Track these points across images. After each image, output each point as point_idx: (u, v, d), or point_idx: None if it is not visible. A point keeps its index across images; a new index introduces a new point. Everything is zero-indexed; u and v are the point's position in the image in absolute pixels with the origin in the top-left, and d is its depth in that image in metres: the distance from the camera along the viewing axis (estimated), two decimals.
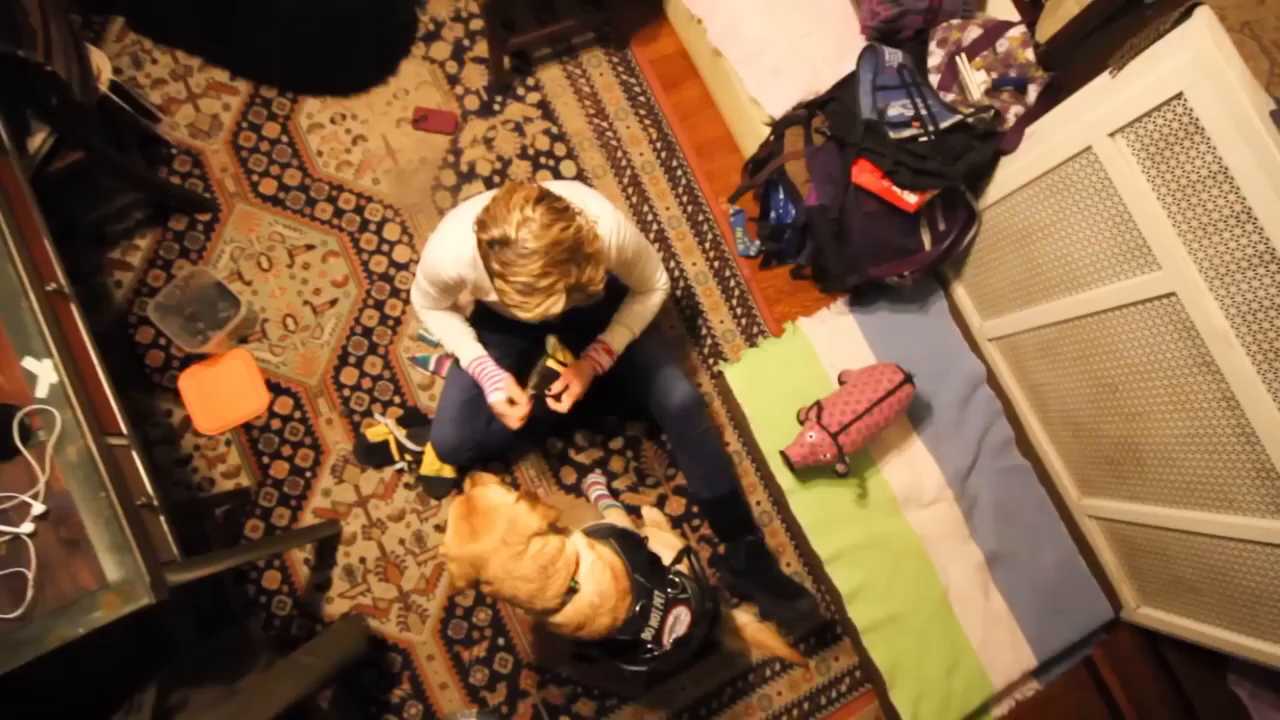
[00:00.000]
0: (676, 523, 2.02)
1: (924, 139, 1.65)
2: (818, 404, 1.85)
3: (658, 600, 1.41)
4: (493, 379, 1.63)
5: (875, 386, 1.84)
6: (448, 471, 1.90)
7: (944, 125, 1.66)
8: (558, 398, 1.56)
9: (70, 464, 1.07)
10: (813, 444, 1.80)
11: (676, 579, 1.48)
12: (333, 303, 2.00)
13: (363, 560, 1.90)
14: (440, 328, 1.64)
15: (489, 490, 1.31)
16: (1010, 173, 1.74)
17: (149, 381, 1.91)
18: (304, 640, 1.84)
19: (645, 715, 1.93)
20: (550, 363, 1.90)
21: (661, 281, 1.62)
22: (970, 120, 1.68)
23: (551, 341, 1.90)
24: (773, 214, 2.06)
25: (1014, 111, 1.70)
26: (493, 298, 1.46)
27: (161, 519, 1.19)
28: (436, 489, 1.93)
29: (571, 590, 1.28)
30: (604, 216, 1.36)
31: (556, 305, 1.19)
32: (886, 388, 1.83)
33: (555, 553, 1.27)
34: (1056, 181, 1.64)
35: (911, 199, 1.68)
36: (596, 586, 1.31)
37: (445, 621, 1.90)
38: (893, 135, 1.64)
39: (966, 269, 2.06)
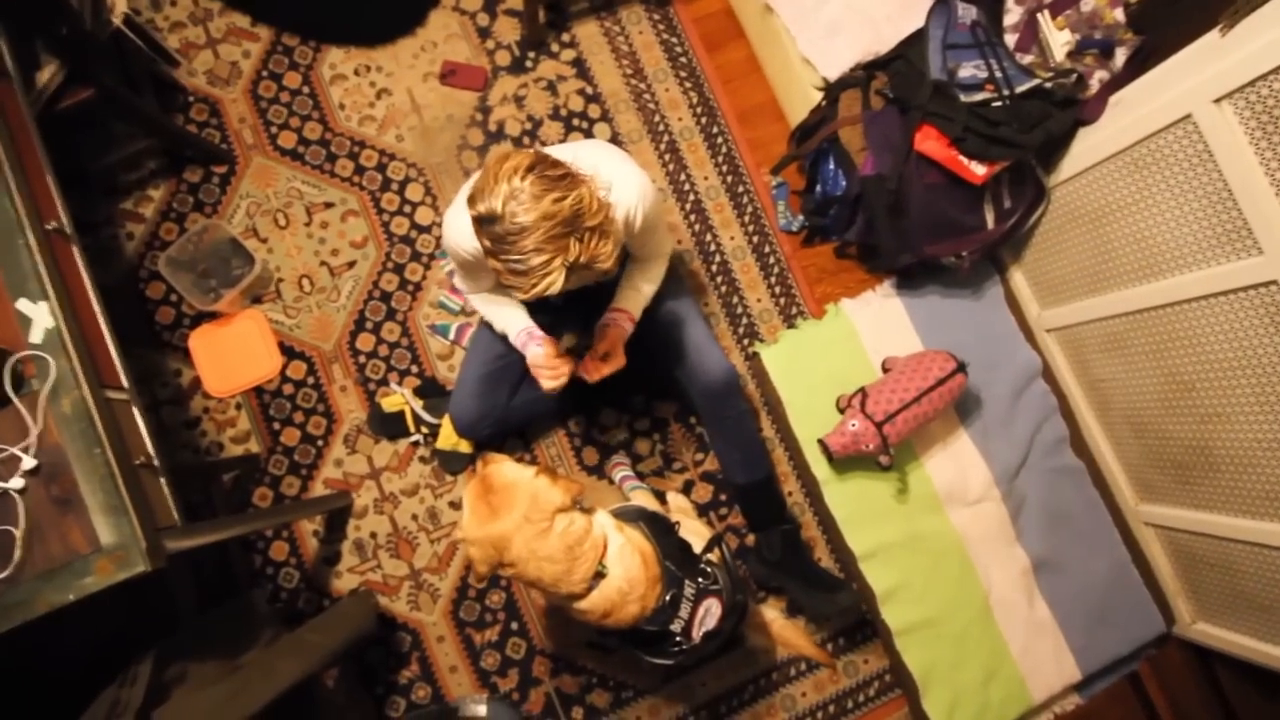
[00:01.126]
0: (703, 510, 1.91)
1: (997, 104, 1.51)
2: (862, 391, 1.73)
3: (688, 590, 1.30)
4: (536, 338, 1.49)
5: (925, 375, 1.71)
6: (465, 446, 1.81)
7: (1020, 90, 1.51)
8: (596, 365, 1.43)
9: (64, 416, 0.99)
10: (855, 433, 1.68)
11: (708, 569, 1.37)
12: (351, 265, 1.90)
13: (374, 535, 1.81)
14: (491, 310, 1.52)
15: (504, 466, 1.22)
16: (1089, 145, 1.59)
17: (158, 339, 1.83)
18: (311, 615, 1.77)
19: (662, 709, 1.83)
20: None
21: (665, 248, 1.50)
22: (1049, 85, 1.53)
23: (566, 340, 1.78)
24: (819, 187, 1.92)
25: (1098, 77, 1.54)
26: None
27: (162, 481, 1.10)
28: (453, 464, 1.83)
29: (599, 574, 1.18)
30: (621, 183, 1.23)
31: (554, 285, 1.07)
32: (937, 376, 1.70)
33: (582, 532, 1.17)
34: (1144, 155, 1.49)
35: (979, 170, 1.54)
36: (625, 572, 1.21)
37: (457, 602, 1.81)
38: (963, 98, 1.50)
39: (1027, 253, 1.92)
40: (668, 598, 1.26)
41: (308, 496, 1.81)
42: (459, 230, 1.31)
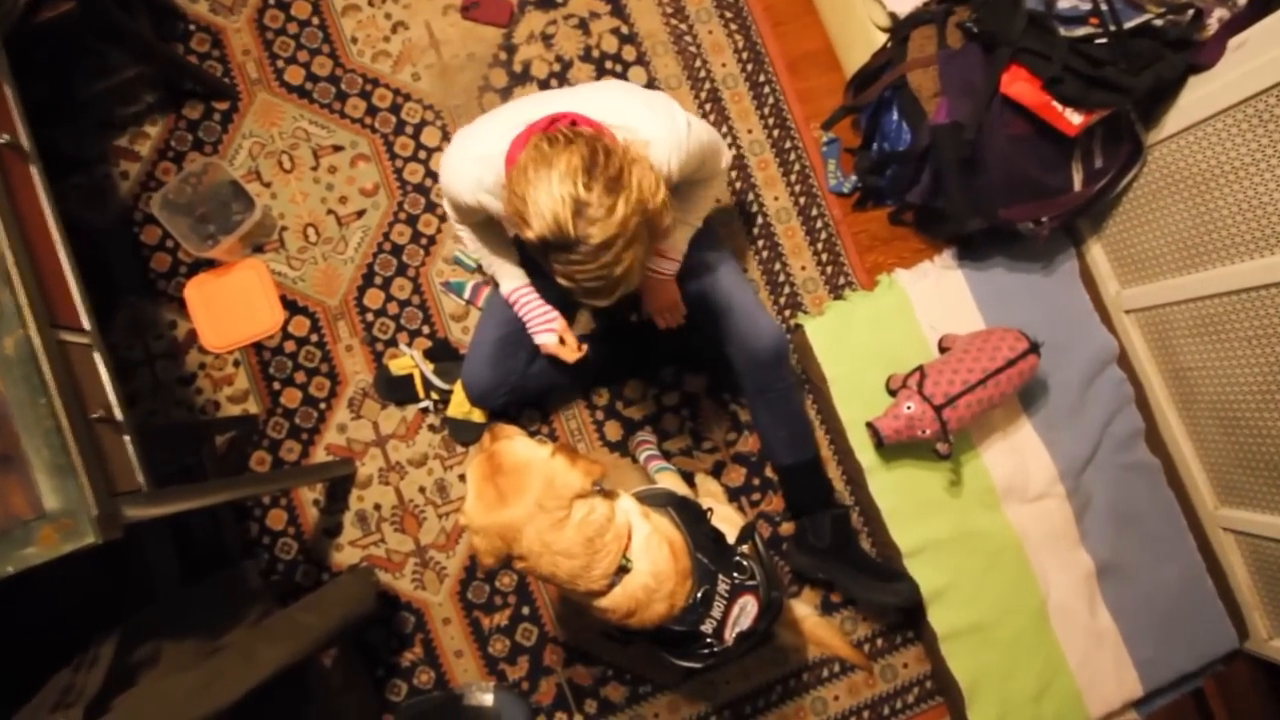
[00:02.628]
0: (734, 496, 1.75)
1: (1101, 41, 1.30)
2: (919, 370, 1.55)
3: (722, 586, 1.15)
4: (540, 316, 1.40)
5: (992, 354, 1.52)
6: (478, 415, 1.66)
7: (1128, 26, 1.30)
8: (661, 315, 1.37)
9: (5, 359, 0.85)
10: (910, 417, 1.50)
11: (744, 562, 1.22)
12: (360, 214, 1.74)
13: (377, 507, 1.68)
14: (478, 245, 1.38)
15: (515, 443, 1.06)
16: (1201, 96, 1.38)
17: (153, 288, 1.70)
18: (309, 589, 1.65)
19: (681, 707, 1.69)
20: None
21: (726, 162, 1.32)
22: (1160, 23, 1.32)
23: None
24: (876, 144, 1.73)
25: (1217, 16, 1.33)
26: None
27: (126, 439, 0.96)
28: (464, 434, 1.69)
29: (622, 569, 1.03)
30: (658, 139, 1.08)
31: (636, 278, 1.00)
32: (1007, 356, 1.51)
33: (604, 521, 1.02)
34: (1267, 109, 1.28)
35: (1075, 119, 1.33)
36: (652, 566, 1.05)
37: (465, 583, 1.68)
38: (1062, 33, 1.29)
39: (1111, 222, 1.71)
40: (699, 595, 1.11)
41: (308, 463, 1.68)
42: (465, 177, 1.16)
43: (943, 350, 1.70)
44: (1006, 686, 1.67)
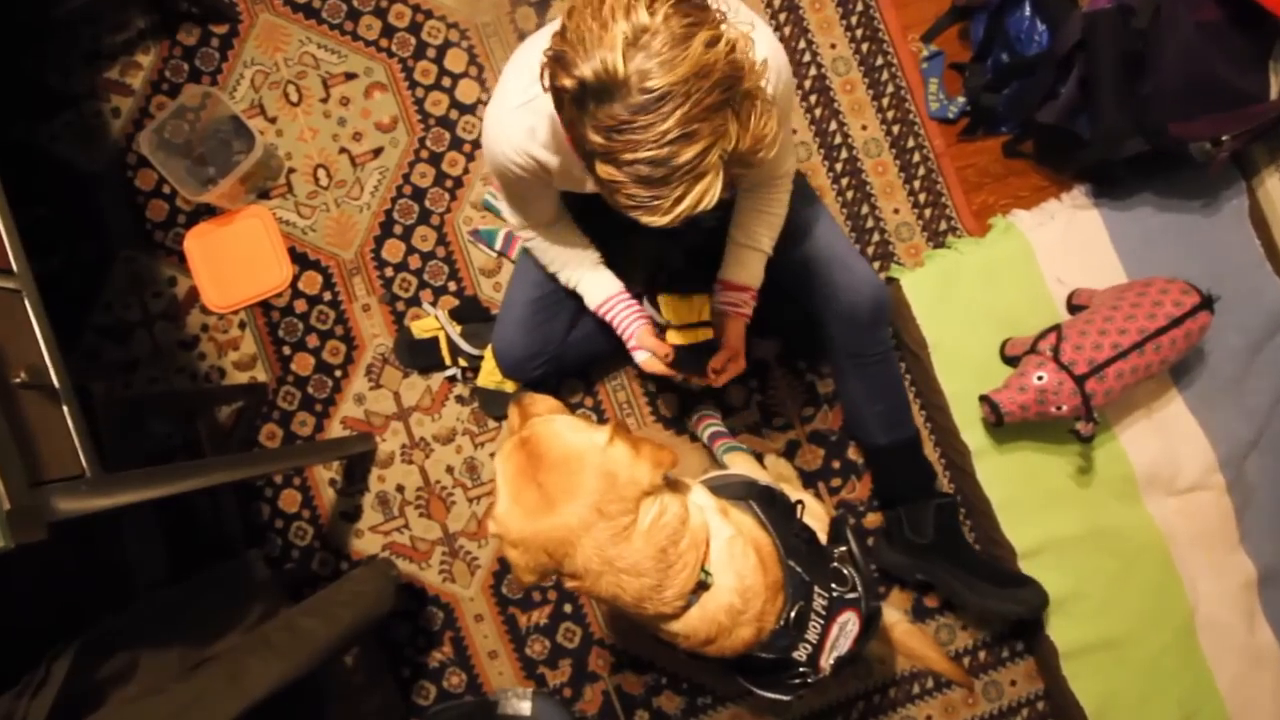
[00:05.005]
0: (809, 481, 1.49)
1: None
2: (1055, 332, 1.25)
3: (818, 601, 0.90)
4: (627, 325, 1.16)
5: (1151, 311, 1.21)
6: (511, 385, 1.43)
7: None
8: (716, 372, 1.13)
9: None
10: (1041, 389, 1.21)
11: (844, 570, 0.96)
12: (376, 152, 1.51)
13: (400, 489, 1.48)
14: (552, 251, 1.15)
15: (557, 424, 0.81)
16: None
17: (149, 239, 1.51)
18: (328, 579, 1.46)
19: None
20: (671, 336, 1.31)
21: (790, 165, 1.08)
22: None
23: (665, 302, 1.33)
24: (992, 57, 1.41)
25: None
26: (589, 188, 0.95)
27: (65, 410, 0.76)
28: (496, 406, 1.46)
29: (701, 585, 0.79)
30: (759, 29, 0.80)
31: (711, 195, 0.69)
32: (1170, 314, 1.20)
33: (678, 525, 0.77)
34: None
35: None
36: (738, 580, 0.81)
37: (499, 575, 1.47)
38: None
39: None
40: (791, 614, 0.86)
41: (323, 438, 1.48)
42: (511, 133, 0.91)
43: (1073, 309, 1.39)
44: (1142, 713, 1.40)
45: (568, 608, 1.47)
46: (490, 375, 1.42)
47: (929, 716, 1.48)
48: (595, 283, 1.16)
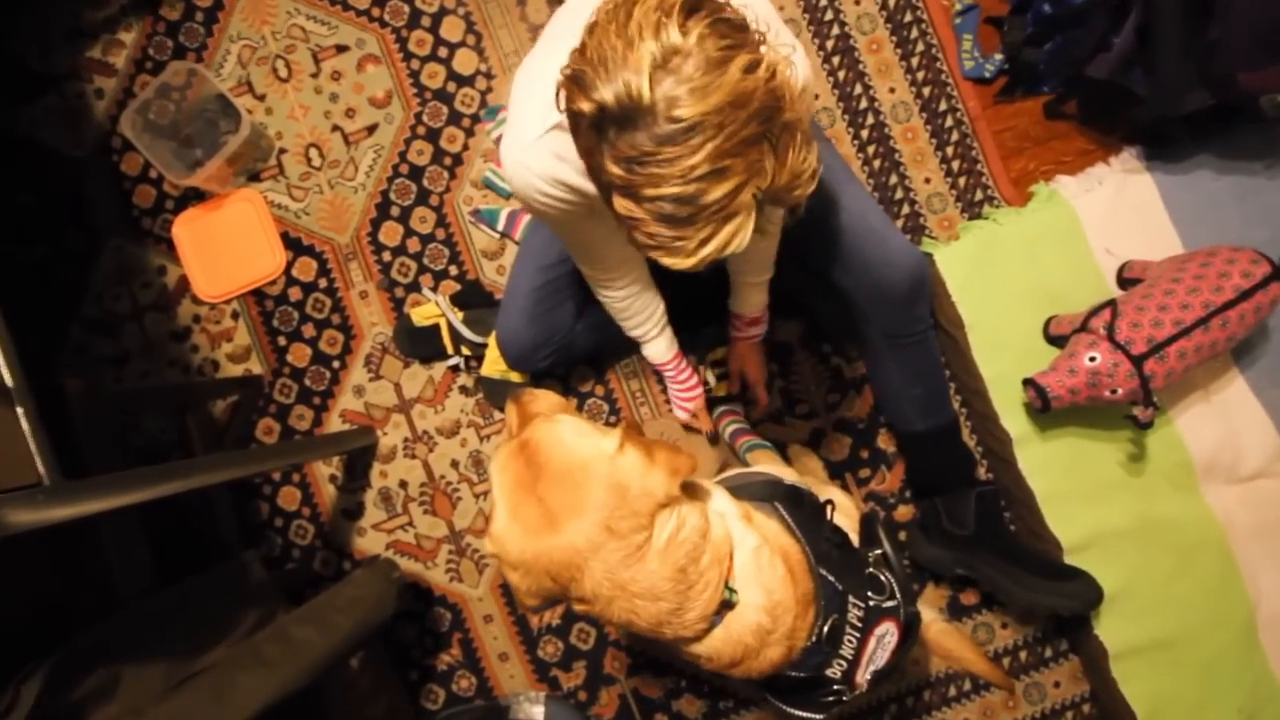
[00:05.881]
0: (835, 472, 1.40)
1: None
2: (1109, 307, 1.14)
3: (853, 613, 0.81)
4: (684, 394, 1.22)
5: (1216, 283, 1.10)
6: (517, 375, 1.35)
7: None
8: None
9: None
10: (1093, 370, 1.10)
11: (881, 576, 0.87)
12: (371, 129, 1.43)
13: (403, 484, 1.41)
14: (626, 302, 1.05)
15: (559, 429, 0.73)
16: None
17: (137, 226, 1.44)
18: (332, 580, 1.41)
19: None
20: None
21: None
22: None
23: (711, 377, 1.35)
24: (1033, 9, 1.29)
25: None
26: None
27: (19, 412, 0.68)
28: (502, 397, 1.38)
29: (725, 604, 0.70)
30: (799, 52, 0.72)
31: (741, 236, 0.61)
32: (1239, 286, 1.09)
33: (698, 539, 0.69)
34: None
35: None
36: (765, 596, 0.72)
37: None
38: None
39: None
40: (825, 629, 0.78)
41: (322, 432, 1.41)
42: (538, 166, 0.79)
43: (1124, 283, 1.28)
44: (1198, 718, 1.30)
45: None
46: (495, 364, 1.34)
47: None
48: (659, 345, 1.12)
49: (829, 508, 0.90)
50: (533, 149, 0.78)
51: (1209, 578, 1.29)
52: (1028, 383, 1.18)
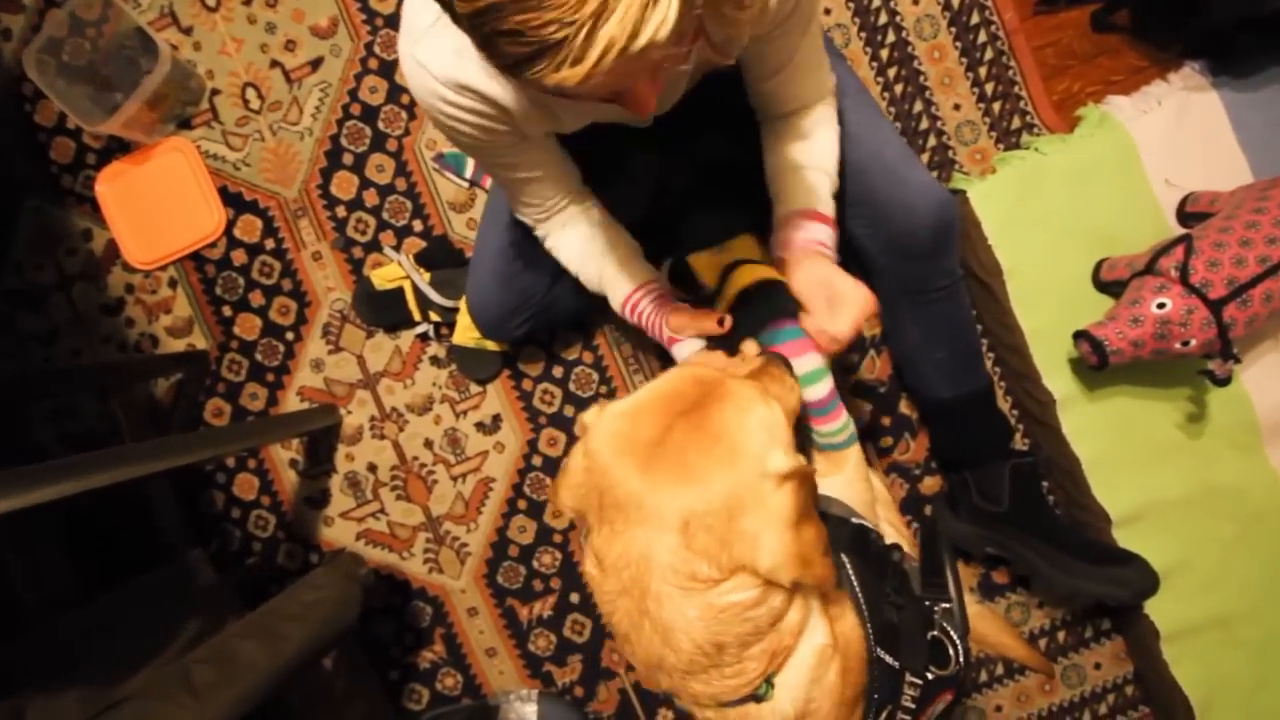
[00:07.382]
0: None
1: None
2: (1183, 245, 0.97)
3: (908, 694, 0.67)
4: (652, 316, 0.87)
5: None
6: (493, 344, 1.19)
7: None
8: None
9: None
10: (1163, 319, 0.94)
11: (947, 641, 0.73)
12: (315, 64, 1.24)
13: (372, 468, 1.26)
14: (572, 252, 0.89)
15: (759, 405, 0.59)
16: None
17: (56, 185, 1.26)
18: (297, 574, 1.27)
19: None
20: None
21: (832, 83, 0.82)
22: None
23: (699, 263, 0.98)
24: None
25: None
26: (568, 125, 0.76)
27: None
28: (477, 368, 1.23)
29: (753, 697, 0.57)
30: None
31: (665, 26, 0.43)
32: None
33: (765, 625, 0.56)
34: None
35: None
36: (803, 703, 0.59)
37: (493, 564, 1.27)
38: None
39: None
40: None
41: (278, 412, 1.26)
42: (434, 64, 0.64)
43: (1187, 217, 1.11)
44: (1257, 700, 1.18)
45: (574, 597, 1.27)
46: (468, 331, 1.18)
47: (999, 706, 1.28)
48: (621, 279, 0.87)
49: (895, 555, 0.75)
50: (426, 42, 0.63)
51: (1272, 550, 1.16)
52: (1080, 335, 1.03)
